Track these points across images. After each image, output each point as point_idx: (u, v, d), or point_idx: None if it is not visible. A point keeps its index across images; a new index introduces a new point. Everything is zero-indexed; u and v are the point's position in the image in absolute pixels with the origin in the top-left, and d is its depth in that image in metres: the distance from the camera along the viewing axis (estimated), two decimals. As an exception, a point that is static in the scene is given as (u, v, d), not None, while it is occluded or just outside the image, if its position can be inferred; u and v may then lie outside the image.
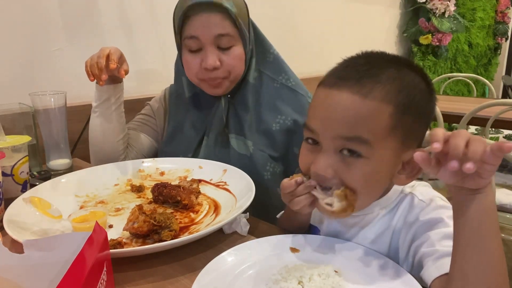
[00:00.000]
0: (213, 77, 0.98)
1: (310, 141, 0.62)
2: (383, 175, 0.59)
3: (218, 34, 0.95)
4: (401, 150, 0.58)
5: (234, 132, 1.05)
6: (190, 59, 0.99)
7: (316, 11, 2.31)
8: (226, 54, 0.98)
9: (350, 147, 0.57)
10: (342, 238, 0.69)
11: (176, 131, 1.12)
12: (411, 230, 0.61)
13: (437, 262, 0.55)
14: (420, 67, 0.62)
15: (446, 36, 3.07)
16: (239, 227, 0.75)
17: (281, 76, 1.09)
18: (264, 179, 1.01)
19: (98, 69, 0.93)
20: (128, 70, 1.02)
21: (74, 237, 0.47)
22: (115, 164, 1.03)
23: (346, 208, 0.57)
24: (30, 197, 0.75)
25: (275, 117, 1.05)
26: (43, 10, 1.25)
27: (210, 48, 0.96)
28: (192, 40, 0.96)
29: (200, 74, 0.99)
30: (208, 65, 0.96)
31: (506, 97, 4.17)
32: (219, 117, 1.06)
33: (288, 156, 1.06)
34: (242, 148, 1.04)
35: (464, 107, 2.00)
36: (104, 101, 1.03)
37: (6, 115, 1.03)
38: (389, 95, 0.56)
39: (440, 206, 0.61)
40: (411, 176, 0.60)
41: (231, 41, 0.97)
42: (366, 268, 0.60)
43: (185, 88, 1.11)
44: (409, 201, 0.64)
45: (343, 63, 0.62)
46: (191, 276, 0.61)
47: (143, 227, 0.68)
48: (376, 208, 0.66)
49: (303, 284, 0.56)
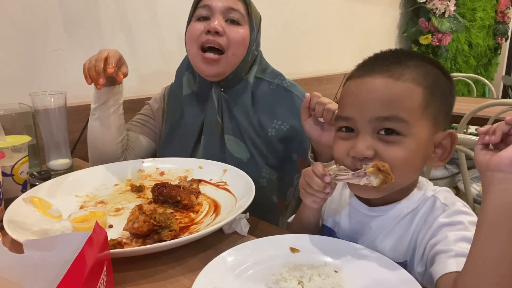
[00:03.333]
0: (212, 40, 0.99)
1: (343, 129, 0.64)
2: (419, 154, 0.61)
3: (229, 7, 0.99)
4: (433, 131, 0.61)
5: (231, 134, 1.05)
6: (196, 25, 1.01)
7: (316, 11, 2.31)
8: (231, 28, 1.00)
9: (388, 127, 0.59)
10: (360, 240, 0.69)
11: (173, 133, 1.11)
12: (430, 231, 0.61)
13: (450, 260, 0.54)
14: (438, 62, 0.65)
15: (446, 36, 3.07)
16: (239, 227, 0.75)
17: (277, 79, 1.10)
18: (259, 185, 0.99)
19: (96, 72, 0.92)
20: (127, 72, 1.01)
21: (74, 237, 0.47)
22: (115, 164, 1.03)
23: (384, 180, 0.59)
24: (30, 197, 0.74)
25: (271, 121, 1.04)
26: (43, 10, 1.25)
27: (218, 16, 0.99)
28: (203, 8, 1.00)
29: (201, 37, 1.00)
30: (211, 27, 0.98)
31: (506, 97, 4.17)
32: (213, 113, 1.05)
33: (286, 163, 1.05)
34: (238, 152, 1.03)
35: (464, 107, 1.99)
36: (102, 103, 1.02)
37: (6, 115, 1.03)
38: (417, 78, 0.60)
39: (462, 211, 0.61)
40: (443, 158, 0.63)
41: (239, 19, 1.01)
42: (366, 268, 0.60)
43: (184, 86, 1.11)
44: (431, 203, 0.65)
45: (370, 58, 0.66)
46: (191, 276, 0.61)
47: (143, 227, 0.68)
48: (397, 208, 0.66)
49: (303, 284, 0.56)
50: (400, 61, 0.61)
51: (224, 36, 0.99)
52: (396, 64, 0.61)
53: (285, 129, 1.03)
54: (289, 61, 2.19)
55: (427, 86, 0.60)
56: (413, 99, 0.59)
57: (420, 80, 0.60)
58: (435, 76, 0.61)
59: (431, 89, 0.60)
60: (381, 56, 0.65)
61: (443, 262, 0.55)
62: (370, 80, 0.61)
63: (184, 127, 1.10)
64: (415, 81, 0.59)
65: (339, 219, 0.74)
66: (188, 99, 1.11)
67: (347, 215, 0.73)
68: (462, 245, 0.55)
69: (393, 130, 0.59)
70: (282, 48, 2.14)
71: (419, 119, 0.59)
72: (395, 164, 0.59)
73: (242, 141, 1.03)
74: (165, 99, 1.17)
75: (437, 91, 0.61)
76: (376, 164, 0.59)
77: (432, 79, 0.61)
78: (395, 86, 0.59)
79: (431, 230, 0.61)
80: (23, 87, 1.18)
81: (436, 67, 0.63)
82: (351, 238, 0.70)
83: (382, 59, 0.63)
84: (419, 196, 0.66)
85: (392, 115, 0.58)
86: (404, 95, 0.59)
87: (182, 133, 1.10)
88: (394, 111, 0.58)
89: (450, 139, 0.62)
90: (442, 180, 2.11)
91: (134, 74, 1.50)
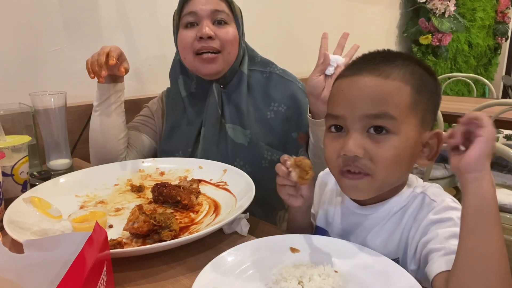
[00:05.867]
0: (207, 46, 1.02)
1: (333, 129, 0.65)
2: (408, 152, 0.61)
3: (215, 9, 1.02)
4: (421, 131, 0.62)
5: (231, 122, 1.08)
6: (186, 33, 1.04)
7: (316, 11, 2.31)
8: (221, 29, 1.03)
9: (378, 124, 0.60)
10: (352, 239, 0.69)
11: (174, 129, 1.13)
12: (420, 228, 0.62)
13: (443, 258, 0.55)
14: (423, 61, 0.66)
15: (446, 36, 3.07)
16: (239, 227, 0.75)
17: (268, 67, 1.15)
18: (261, 167, 1.03)
19: (98, 65, 0.95)
20: (128, 68, 1.04)
21: (74, 237, 0.47)
22: (115, 164, 1.03)
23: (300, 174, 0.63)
24: (30, 197, 0.74)
25: (269, 104, 1.09)
26: (43, 10, 1.25)
27: (206, 21, 1.02)
28: (190, 15, 1.03)
29: (195, 44, 1.03)
30: (203, 33, 1.00)
31: (506, 97, 4.17)
32: (213, 106, 1.08)
33: (287, 143, 1.08)
34: (239, 138, 1.06)
35: (464, 107, 1.99)
36: (104, 100, 1.05)
37: (6, 115, 1.03)
38: (405, 76, 0.61)
39: (451, 207, 0.62)
40: (431, 157, 0.64)
41: (226, 19, 1.04)
42: (366, 268, 0.60)
43: (181, 89, 1.14)
44: (420, 200, 0.65)
45: (358, 58, 0.67)
46: (191, 276, 0.61)
47: (143, 227, 0.68)
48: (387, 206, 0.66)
49: (303, 284, 0.56)
50: (388, 60, 0.62)
51: (216, 39, 1.02)
52: (385, 63, 0.62)
53: (283, 110, 1.08)
54: (289, 61, 2.19)
55: (415, 85, 0.61)
56: (401, 97, 0.60)
57: (408, 78, 0.61)
58: (421, 76, 0.62)
59: (418, 88, 0.61)
60: (369, 56, 0.65)
61: (435, 261, 0.56)
62: (360, 78, 0.61)
63: (185, 124, 1.12)
64: (403, 80, 0.60)
65: (331, 219, 0.75)
66: (187, 100, 1.13)
67: (339, 215, 0.73)
68: (453, 242, 0.55)
69: (382, 128, 0.60)
70: (282, 48, 2.14)
71: (408, 117, 0.60)
72: (385, 162, 0.60)
73: (243, 126, 1.07)
74: (163, 101, 1.19)
75: (424, 91, 0.62)
76: (295, 158, 0.63)
77: (419, 78, 0.62)
78: (384, 84, 0.60)
79: (421, 227, 0.62)
80: (23, 87, 1.18)
81: (422, 67, 0.64)
82: (343, 237, 0.71)
83: (370, 58, 0.64)
84: (408, 193, 0.67)
85: (382, 112, 0.59)
86: (393, 93, 0.60)
87: (184, 129, 1.12)
88: (383, 108, 0.59)
89: (437, 139, 0.63)
90: (442, 180, 2.10)
91: (134, 74, 1.50)
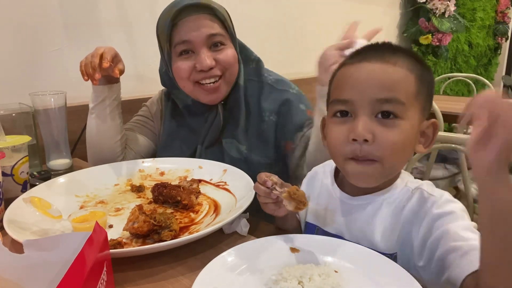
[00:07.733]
0: (209, 76, 0.97)
1: (338, 114, 0.65)
2: (412, 139, 0.63)
3: (210, 34, 0.95)
4: (421, 119, 0.64)
5: (228, 137, 1.05)
6: (182, 64, 0.97)
7: (316, 11, 2.31)
8: (220, 53, 0.98)
9: (388, 109, 0.60)
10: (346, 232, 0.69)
11: (172, 139, 1.11)
12: (424, 223, 0.61)
13: (464, 259, 0.53)
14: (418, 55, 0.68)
15: (446, 36, 3.07)
16: (239, 227, 0.75)
17: (262, 76, 1.10)
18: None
19: (92, 68, 0.92)
20: (124, 69, 1.01)
21: (74, 237, 0.47)
22: (115, 164, 1.03)
23: (297, 206, 0.63)
24: (30, 197, 0.75)
25: (262, 116, 1.05)
26: (43, 10, 1.25)
27: (203, 50, 0.95)
28: (184, 44, 0.95)
29: (194, 76, 0.98)
30: (204, 66, 0.95)
31: (506, 97, 4.16)
32: (216, 126, 1.05)
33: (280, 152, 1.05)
34: (235, 152, 1.04)
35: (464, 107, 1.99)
36: (100, 102, 1.02)
37: (6, 115, 1.03)
38: (410, 65, 0.62)
39: (450, 200, 0.62)
40: (427, 145, 0.66)
41: (222, 41, 0.97)
42: (366, 268, 0.60)
43: (177, 101, 1.11)
44: (418, 195, 0.65)
45: (362, 48, 0.67)
46: (191, 276, 0.61)
47: (143, 227, 0.68)
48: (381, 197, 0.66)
49: (303, 284, 0.55)
50: (392, 51, 0.64)
51: (217, 66, 0.97)
52: (390, 52, 0.63)
53: (273, 119, 1.05)
54: (289, 61, 2.19)
55: (418, 74, 0.62)
56: (408, 84, 0.61)
57: (412, 68, 0.62)
58: (421, 66, 0.64)
59: (420, 78, 0.63)
60: (374, 45, 0.67)
61: (458, 265, 0.54)
62: (368, 64, 0.62)
63: (182, 135, 1.10)
64: (409, 68, 0.62)
65: (323, 212, 0.74)
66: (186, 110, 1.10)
67: (331, 208, 0.73)
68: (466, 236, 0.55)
69: (390, 113, 0.60)
70: (282, 48, 2.14)
71: (413, 105, 0.62)
72: (393, 146, 0.60)
73: (239, 141, 1.05)
74: (162, 101, 1.17)
75: (424, 80, 0.63)
76: (288, 191, 0.63)
77: (420, 68, 0.63)
78: (393, 71, 0.61)
79: (426, 222, 0.61)
80: (23, 87, 1.18)
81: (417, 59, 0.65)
82: (336, 229, 0.70)
83: (376, 48, 0.66)
84: (402, 186, 0.67)
85: (392, 97, 0.60)
86: (401, 80, 0.61)
87: (181, 141, 1.10)
88: (393, 93, 0.60)
89: (433, 128, 0.65)
90: (442, 180, 2.10)
91: (134, 74, 1.50)
